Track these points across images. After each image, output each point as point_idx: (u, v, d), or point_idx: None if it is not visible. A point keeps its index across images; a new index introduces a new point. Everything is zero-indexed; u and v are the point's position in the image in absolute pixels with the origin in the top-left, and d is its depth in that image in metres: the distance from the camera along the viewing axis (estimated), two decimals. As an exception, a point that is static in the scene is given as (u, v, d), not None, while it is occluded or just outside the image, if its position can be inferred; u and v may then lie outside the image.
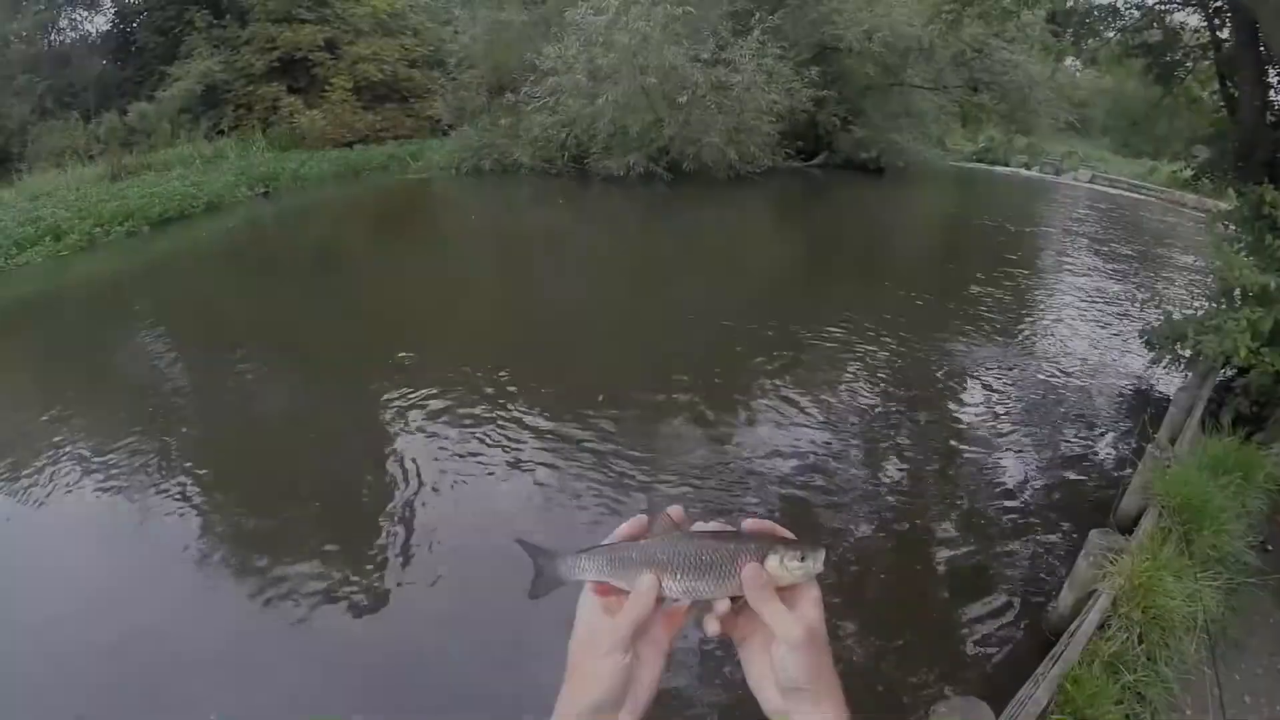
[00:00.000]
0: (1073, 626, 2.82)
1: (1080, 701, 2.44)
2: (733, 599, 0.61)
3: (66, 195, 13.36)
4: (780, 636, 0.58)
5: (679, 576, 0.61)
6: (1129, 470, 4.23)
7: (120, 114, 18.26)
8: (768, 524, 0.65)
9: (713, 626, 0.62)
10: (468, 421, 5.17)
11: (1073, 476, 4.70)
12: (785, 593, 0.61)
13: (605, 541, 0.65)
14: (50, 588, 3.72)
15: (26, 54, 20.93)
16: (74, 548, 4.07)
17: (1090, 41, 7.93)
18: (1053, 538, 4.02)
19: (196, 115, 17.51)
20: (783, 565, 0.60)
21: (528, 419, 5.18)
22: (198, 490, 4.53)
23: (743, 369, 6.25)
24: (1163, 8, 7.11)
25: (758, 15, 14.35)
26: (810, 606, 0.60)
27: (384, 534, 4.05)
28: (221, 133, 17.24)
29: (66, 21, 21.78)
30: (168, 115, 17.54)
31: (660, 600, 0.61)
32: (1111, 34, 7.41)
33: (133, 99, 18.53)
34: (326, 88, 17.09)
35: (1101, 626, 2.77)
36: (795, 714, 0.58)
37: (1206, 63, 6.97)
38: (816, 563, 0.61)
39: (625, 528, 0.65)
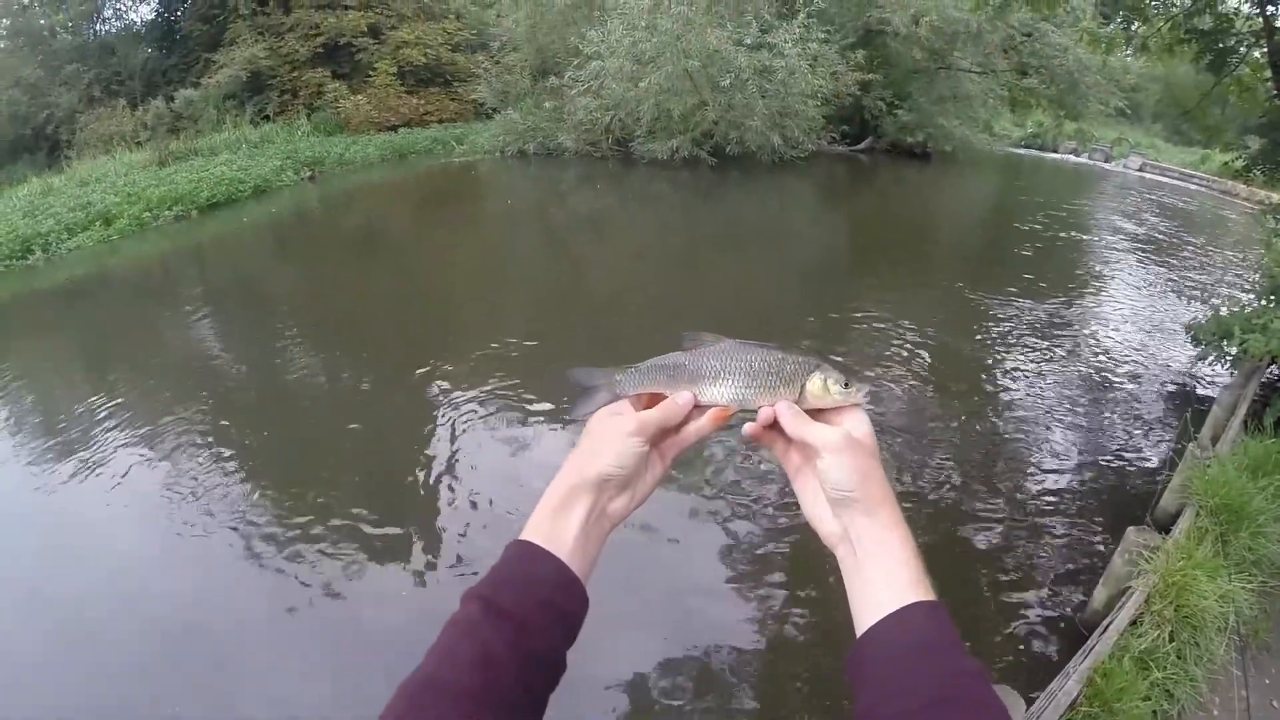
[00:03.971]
0: (1105, 622, 2.80)
1: (1109, 695, 2.44)
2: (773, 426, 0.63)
3: (115, 181, 13.75)
4: (820, 446, 0.58)
5: (729, 383, 0.63)
6: (1170, 468, 4.14)
7: (167, 101, 18.62)
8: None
9: (748, 429, 0.64)
10: (509, 403, 5.18)
11: (1112, 472, 4.61)
12: (830, 414, 0.62)
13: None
14: (89, 562, 3.78)
15: (73, 44, 21.47)
16: (116, 523, 4.10)
17: (1140, 28, 7.65)
18: (1090, 532, 3.97)
19: (242, 101, 17.79)
20: (824, 385, 0.61)
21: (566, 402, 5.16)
22: (241, 467, 4.58)
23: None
24: (1214, -7, 6.80)
25: (802, -1, 14.15)
26: (855, 419, 0.61)
27: (426, 513, 4.05)
28: (267, 118, 17.48)
29: (111, 11, 22.26)
30: (213, 101, 17.85)
31: (700, 406, 0.64)
32: (1161, 21, 7.11)
33: (178, 86, 18.89)
34: (370, 72, 17.23)
35: (1134, 623, 2.76)
36: (851, 528, 0.57)
37: (1260, 52, 6.68)
38: (859, 392, 0.62)
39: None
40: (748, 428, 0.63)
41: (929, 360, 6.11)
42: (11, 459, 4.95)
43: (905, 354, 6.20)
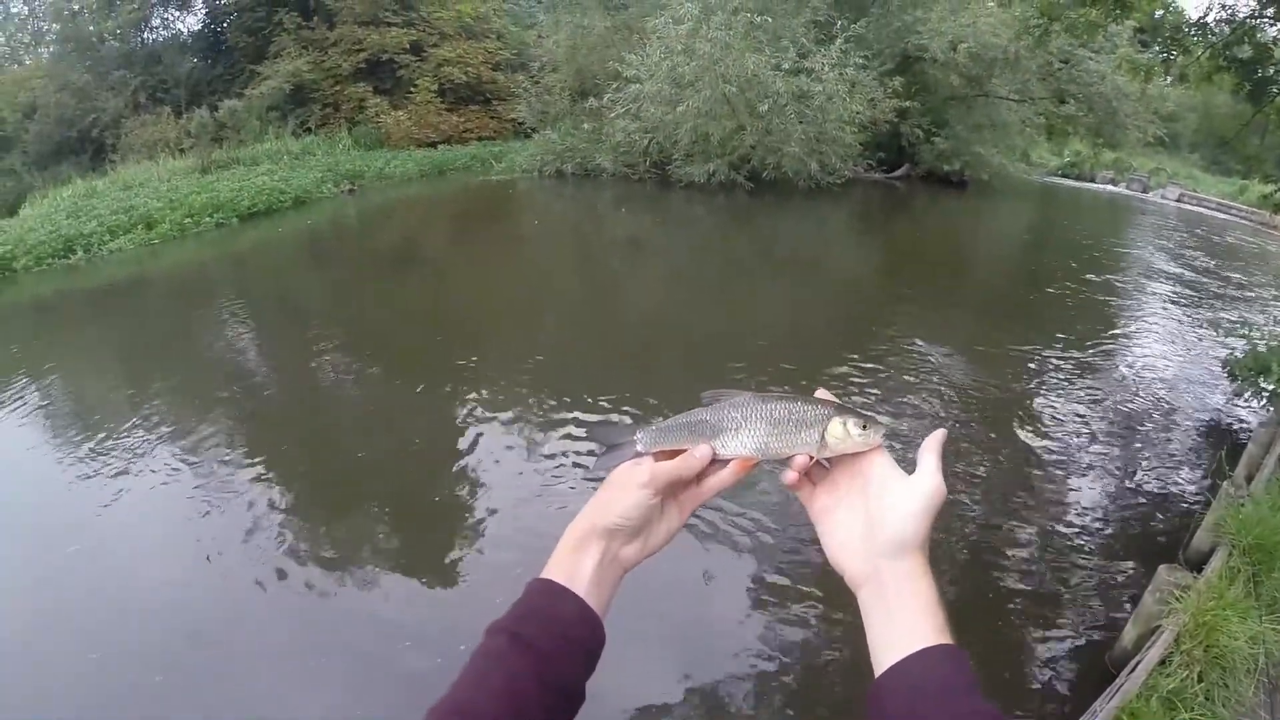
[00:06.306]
0: (1134, 660, 2.79)
1: (1136, 735, 2.43)
2: (806, 471, 0.65)
3: (158, 186, 14.09)
4: (919, 487, 0.58)
5: (751, 434, 0.64)
6: (1203, 506, 4.09)
7: (211, 110, 19.04)
8: (830, 396, 0.68)
9: (789, 476, 0.64)
10: (533, 422, 5.18)
11: (1145, 509, 4.55)
12: (853, 460, 0.63)
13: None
14: (113, 567, 3.77)
15: (120, 51, 22.03)
16: (143, 526, 4.11)
17: (1179, 58, 7.60)
18: (1121, 570, 3.92)
19: (284, 113, 18.15)
20: (845, 430, 0.62)
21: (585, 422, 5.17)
22: (268, 475, 4.60)
23: (813, 381, 6.08)
24: (1254, 22, 6.76)
25: (840, 24, 14.18)
26: (924, 467, 0.60)
27: (449, 528, 4.06)
28: (309, 130, 17.82)
29: (159, 20, 22.87)
30: (257, 112, 18.23)
31: (720, 460, 0.65)
32: (1200, 50, 7.07)
33: (223, 96, 19.31)
34: (412, 89, 17.52)
35: (1163, 662, 2.74)
36: (883, 571, 0.57)
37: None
38: (878, 433, 0.63)
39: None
40: (787, 476, 0.64)
41: (958, 390, 6.04)
42: (39, 450, 5.00)
43: (935, 384, 6.14)
